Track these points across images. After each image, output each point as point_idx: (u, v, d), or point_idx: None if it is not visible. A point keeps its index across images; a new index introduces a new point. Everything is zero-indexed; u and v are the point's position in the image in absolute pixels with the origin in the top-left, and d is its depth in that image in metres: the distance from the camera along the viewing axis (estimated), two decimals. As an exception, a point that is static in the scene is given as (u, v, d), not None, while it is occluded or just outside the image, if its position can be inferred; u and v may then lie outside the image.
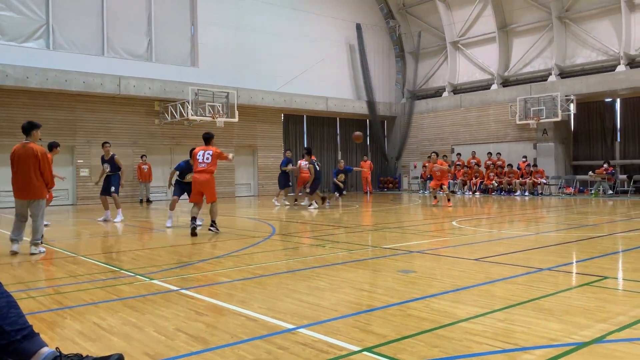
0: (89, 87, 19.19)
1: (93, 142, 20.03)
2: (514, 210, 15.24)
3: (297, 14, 25.30)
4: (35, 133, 7.81)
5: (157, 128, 21.50)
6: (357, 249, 7.99)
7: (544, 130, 23.33)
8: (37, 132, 7.85)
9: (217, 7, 22.75)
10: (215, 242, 9.22)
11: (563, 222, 12.15)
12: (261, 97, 23.55)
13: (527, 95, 23.32)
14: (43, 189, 7.73)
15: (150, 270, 6.34)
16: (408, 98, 29.05)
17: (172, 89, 20.88)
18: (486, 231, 10.15)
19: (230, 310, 4.45)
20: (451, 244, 8.36)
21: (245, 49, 23.53)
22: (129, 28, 20.77)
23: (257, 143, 24.57)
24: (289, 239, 9.38)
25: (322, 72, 25.92)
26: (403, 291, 5.08)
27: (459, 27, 26.85)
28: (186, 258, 7.28)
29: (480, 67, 26.40)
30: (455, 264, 6.52)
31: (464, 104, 26.29)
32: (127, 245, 8.64)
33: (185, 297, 4.99)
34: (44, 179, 7.70)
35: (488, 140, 25.15)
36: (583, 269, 6.28)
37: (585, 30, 22.72)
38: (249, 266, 6.55)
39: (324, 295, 4.95)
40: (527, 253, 7.40)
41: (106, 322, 4.16)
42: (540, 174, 21.93)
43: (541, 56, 24.33)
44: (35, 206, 7.73)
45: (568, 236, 9.33)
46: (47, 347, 2.79)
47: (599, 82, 21.63)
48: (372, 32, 28.40)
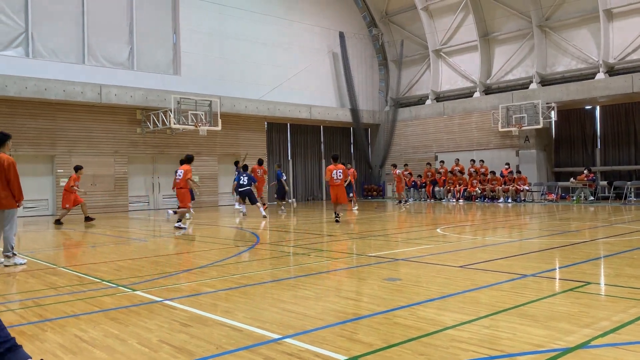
0: (70, 96, 18.95)
1: (74, 151, 19.78)
2: (497, 217, 15.35)
3: (280, 22, 25.34)
4: (8, 143, 7.73)
5: (139, 137, 21.29)
6: (342, 257, 7.96)
7: (526, 137, 23.60)
8: (9, 143, 7.76)
9: (199, 15, 22.68)
10: (199, 252, 9.13)
11: (546, 228, 12.26)
12: (244, 106, 23.49)
13: (509, 103, 23.59)
14: (10, 199, 7.59)
15: (133, 281, 6.24)
16: (391, 106, 29.22)
17: (154, 97, 20.72)
18: (470, 238, 10.19)
19: (215, 321, 4.39)
20: (436, 252, 8.37)
21: (228, 57, 23.48)
22: (110, 36, 20.59)
23: (241, 151, 24.45)
24: (274, 248, 9.32)
25: (305, 80, 25.97)
26: (389, 299, 5.06)
27: (441, 35, 27.11)
28: (169, 268, 7.19)
29: (463, 75, 26.67)
30: (440, 271, 6.53)
31: (447, 111, 26.50)
32: (108, 256, 8.50)
33: (168, 308, 4.91)
34: (10, 190, 7.56)
35: (471, 147, 25.36)
36: (566, 274, 6.32)
37: (565, 38, 23.09)
38: (233, 276, 6.49)
39: (310, 304, 4.91)
40: (511, 259, 7.44)
41: (88, 334, 4.07)
42: (522, 181, 22.15)
43: (522, 64, 24.65)
44: (1, 216, 7.62)
45: (551, 242, 9.41)
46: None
47: (578, 90, 21.97)
48: (355, 40, 28.55)
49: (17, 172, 7.69)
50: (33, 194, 18.73)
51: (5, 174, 7.49)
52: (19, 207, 7.80)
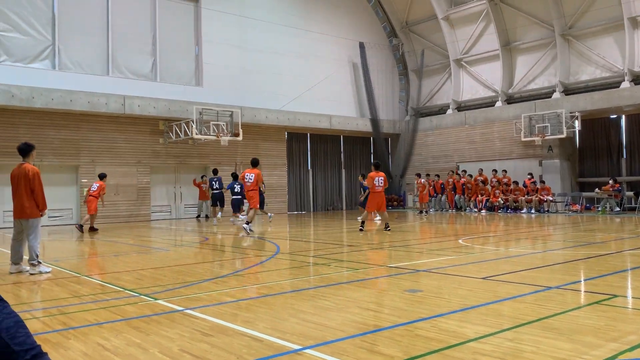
0: (94, 107, 19.31)
1: (97, 161, 20.11)
2: (521, 228, 15.13)
3: (300, 33, 25.52)
4: (32, 154, 7.94)
5: (161, 147, 21.57)
6: (363, 267, 7.92)
7: (549, 147, 23.28)
8: (33, 153, 7.98)
9: (220, 27, 22.98)
10: (220, 261, 9.18)
11: (570, 239, 12.04)
12: (265, 116, 23.65)
13: (532, 112, 23.33)
14: (34, 209, 7.78)
15: (155, 290, 6.29)
16: (412, 115, 29.12)
17: (176, 108, 21.00)
18: (493, 249, 10.06)
19: (236, 331, 4.40)
20: (457, 263, 8.28)
21: (248, 68, 23.71)
22: (133, 48, 20.98)
23: (261, 161, 24.50)
24: (294, 257, 9.32)
25: (325, 90, 26.06)
26: (410, 311, 5.01)
27: (462, 44, 27.00)
28: (190, 277, 7.24)
29: (484, 84, 26.48)
30: (462, 282, 6.45)
31: (468, 121, 26.32)
32: (130, 265, 8.59)
33: (189, 317, 4.93)
34: (34, 199, 7.76)
35: (493, 157, 25.10)
36: (592, 287, 6.19)
37: (589, 47, 22.80)
38: (254, 285, 6.50)
39: (330, 315, 4.89)
40: (535, 271, 7.32)
41: (110, 342, 4.11)
42: (546, 191, 21.81)
43: (545, 73, 24.39)
44: (26, 226, 7.80)
45: (576, 254, 9.24)
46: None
47: (603, 99, 21.64)
48: (375, 50, 28.58)
49: (41, 181, 7.86)
50: (57, 204, 19.09)
51: (30, 184, 7.66)
52: (42, 216, 7.96)
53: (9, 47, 18.36)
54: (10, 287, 6.83)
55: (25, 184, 7.65)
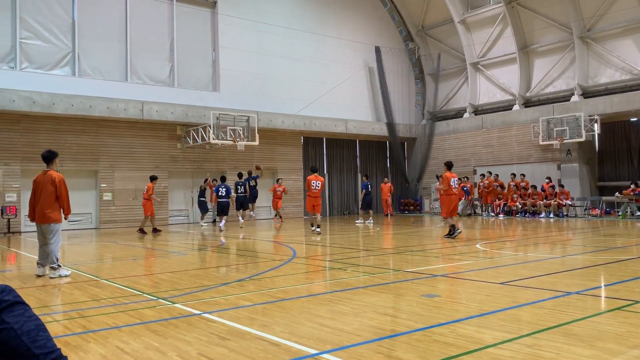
0: (113, 113, 19.56)
1: (116, 166, 20.36)
2: (539, 233, 14.95)
3: (316, 38, 25.60)
4: (56, 161, 8.17)
5: (179, 152, 21.77)
6: (379, 272, 7.90)
7: (567, 150, 23.01)
8: (56, 160, 8.21)
9: (237, 32, 23.15)
10: (237, 265, 9.21)
11: (590, 244, 11.87)
12: (281, 121, 23.74)
13: (550, 116, 23.09)
14: (57, 214, 7.98)
15: (172, 294, 6.34)
16: (428, 119, 28.99)
17: (194, 113, 21.18)
18: (511, 254, 9.96)
19: (253, 335, 4.41)
20: (475, 268, 8.21)
21: (265, 73, 23.84)
22: (151, 54, 21.23)
23: (277, 166, 24.69)
24: (310, 262, 9.32)
25: (341, 94, 26.08)
26: (427, 316, 4.98)
27: (478, 48, 26.84)
28: (207, 281, 7.28)
29: (502, 87, 26.28)
30: (480, 287, 6.40)
31: (485, 124, 26.13)
32: (149, 269, 8.67)
33: (207, 321, 4.96)
34: (60, 205, 7.99)
35: (511, 161, 24.88)
36: (613, 292, 6.10)
37: (608, 49, 22.51)
38: (271, 290, 6.52)
39: (347, 319, 4.88)
40: (554, 276, 7.23)
41: (129, 346, 4.15)
42: (565, 195, 21.54)
43: (563, 76, 24.13)
44: (47, 230, 7.98)
45: (596, 259, 9.11)
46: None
47: (623, 102, 21.33)
48: (391, 54, 28.55)
49: (66, 187, 8.07)
50: (77, 208, 19.26)
51: (57, 190, 7.88)
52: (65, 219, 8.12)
53: (31, 54, 18.70)
54: (33, 290, 6.94)
55: (51, 190, 7.84)
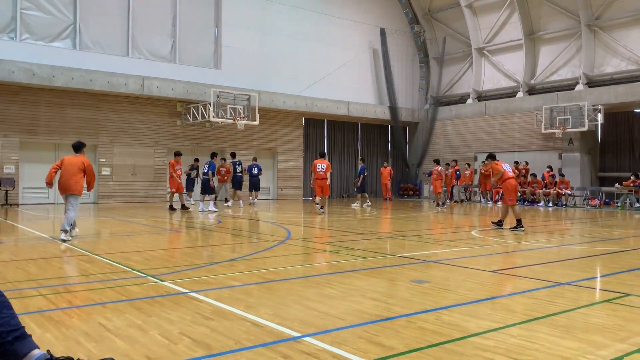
0: (113, 87, 19.43)
1: (115, 141, 20.28)
2: (537, 221, 14.90)
3: (321, 18, 25.28)
4: (84, 149, 9.70)
5: (179, 129, 21.66)
6: (372, 256, 7.86)
7: (569, 140, 22.86)
8: (84, 149, 9.73)
9: (241, 9, 22.86)
10: (231, 245, 9.19)
11: (587, 234, 11.83)
12: (283, 101, 23.56)
13: (553, 104, 22.89)
14: (81, 187, 9.39)
15: (162, 272, 6.31)
16: (431, 104, 28.79)
17: (194, 90, 21.02)
18: (506, 242, 9.92)
19: (237, 315, 4.38)
20: (469, 255, 8.17)
21: (268, 52, 23.59)
22: (153, 29, 21.00)
23: (278, 146, 24.59)
24: (304, 244, 9.29)
25: (344, 76, 25.84)
26: (415, 302, 4.95)
27: (484, 33, 26.52)
28: (199, 260, 7.25)
29: (506, 74, 26.02)
30: (471, 275, 6.35)
31: (488, 111, 25.94)
32: (142, 245, 8.65)
33: (193, 300, 4.94)
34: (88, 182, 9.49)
35: (513, 148, 24.74)
36: (605, 284, 6.06)
37: (615, 38, 22.22)
38: (261, 270, 6.48)
39: (334, 303, 4.85)
40: (548, 266, 7.18)
41: (112, 323, 4.12)
42: (565, 185, 21.45)
43: (569, 64, 23.86)
44: (72, 200, 9.27)
45: (591, 250, 9.06)
46: (38, 350, 2.77)
47: (628, 92, 21.12)
48: (396, 37, 28.23)
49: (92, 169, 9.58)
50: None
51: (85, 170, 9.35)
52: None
53: (31, 25, 18.50)
54: (23, 263, 6.92)
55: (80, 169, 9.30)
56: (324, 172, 15.89)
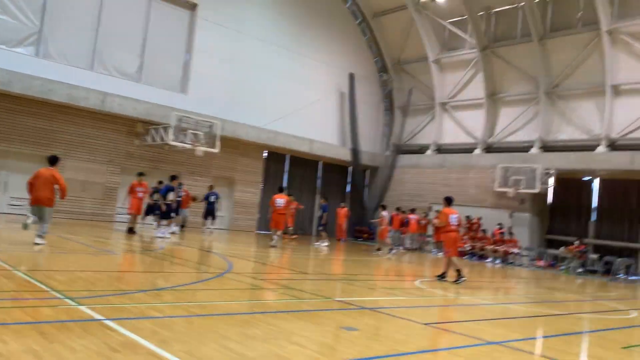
0: (73, 100, 18.95)
1: (69, 154, 19.64)
2: (482, 277, 15.05)
3: (293, 56, 25.56)
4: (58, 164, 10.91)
5: (135, 149, 21.20)
6: (309, 298, 7.70)
7: (521, 200, 23.43)
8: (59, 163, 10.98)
9: (214, 38, 22.90)
10: (165, 273, 8.88)
11: (527, 294, 11.97)
12: (246, 132, 23.46)
13: (509, 164, 23.50)
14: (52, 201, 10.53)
15: (83, 295, 6.00)
16: (392, 151, 29.21)
17: (157, 112, 20.70)
18: (446, 295, 9.91)
19: (147, 350, 4.14)
20: (406, 305, 8.11)
21: (236, 82, 23.58)
22: (122, 46, 20.75)
23: (236, 176, 24.34)
24: (243, 279, 9.05)
25: (310, 114, 26.01)
26: (337, 350, 4.81)
27: (449, 89, 27.32)
28: (126, 286, 6.94)
29: (466, 130, 26.73)
30: (402, 326, 6.26)
31: (446, 164, 26.46)
32: (71, 265, 8.25)
33: (106, 328, 4.66)
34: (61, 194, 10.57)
35: (466, 203, 25.11)
36: (532, 347, 6.05)
37: (571, 108, 23.21)
38: (188, 303, 6.24)
39: (254, 344, 4.66)
40: (481, 323, 7.17)
41: (7, 346, 3.83)
42: (513, 244, 21.88)
43: (526, 127, 24.70)
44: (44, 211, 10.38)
45: (528, 311, 9.14)
46: None
47: (579, 160, 21.92)
48: (365, 82, 28.78)
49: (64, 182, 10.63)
50: (20, 192, 18.49)
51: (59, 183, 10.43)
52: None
53: (-6, 28, 18.02)
54: None
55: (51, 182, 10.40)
56: (282, 207, 16.38)
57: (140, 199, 16.21)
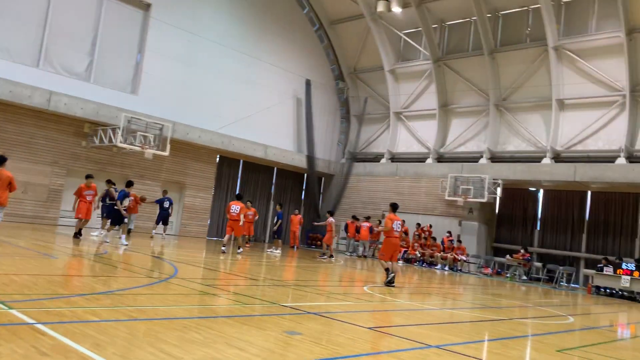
0: (16, 98, 18.22)
1: (11, 155, 18.74)
2: (431, 284, 15.30)
3: (248, 60, 25.43)
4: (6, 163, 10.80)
5: (82, 150, 20.54)
6: (254, 303, 7.63)
7: (470, 209, 24.03)
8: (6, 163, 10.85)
9: (167, 39, 22.52)
10: (107, 277, 8.61)
11: (471, 301, 12.24)
12: (198, 135, 23.14)
13: (458, 174, 24.09)
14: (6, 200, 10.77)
15: (15, 299, 5.73)
16: (348, 159, 29.43)
17: (105, 112, 20.14)
18: (393, 300, 10.02)
19: (79, 354, 3.99)
20: (352, 309, 8.14)
21: (190, 85, 23.25)
22: (71, 44, 20.12)
23: (187, 181, 23.93)
24: (187, 284, 8.87)
25: (265, 120, 25.92)
26: (278, 354, 4.77)
27: (403, 99, 27.80)
28: (64, 290, 6.69)
29: (419, 140, 27.24)
30: (346, 330, 6.28)
31: (399, 172, 26.86)
32: (5, 268, 7.89)
33: (36, 332, 4.46)
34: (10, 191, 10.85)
35: (417, 211, 25.61)
36: (470, 350, 6.16)
37: (518, 120, 24.03)
38: (127, 307, 6.05)
39: (192, 349, 4.56)
40: (423, 327, 7.27)
41: None
42: (462, 251, 22.39)
43: (475, 138, 25.40)
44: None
45: (472, 316, 9.34)
46: None
47: (524, 171, 22.68)
48: (321, 90, 28.93)
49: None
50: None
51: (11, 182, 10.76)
52: None
53: None
54: None
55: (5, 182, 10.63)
56: (237, 214, 16.55)
57: (88, 203, 15.51)
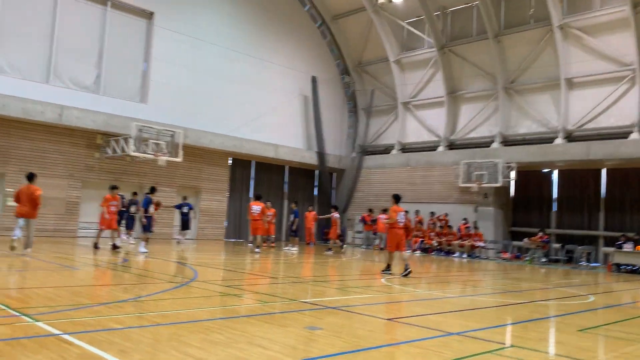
0: (29, 114, 18.51)
1: (26, 171, 19.12)
2: (449, 272, 15.30)
3: (254, 61, 25.52)
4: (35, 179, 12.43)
5: (96, 162, 20.80)
6: (274, 301, 7.71)
7: (485, 194, 23.92)
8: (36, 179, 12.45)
9: (172, 46, 22.70)
10: (128, 284, 8.75)
11: (491, 286, 12.23)
12: (210, 139, 23.31)
13: (471, 160, 23.97)
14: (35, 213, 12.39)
15: (41, 311, 5.87)
16: (358, 153, 29.44)
17: (116, 123, 20.38)
18: (412, 291, 10.05)
19: (105, 361, 4.10)
20: (371, 302, 8.19)
21: (198, 90, 23.42)
22: (78, 58, 20.37)
23: (202, 185, 24.13)
24: (208, 286, 8.99)
25: (274, 119, 26.03)
26: (300, 349, 4.85)
27: (410, 88, 27.71)
28: (87, 300, 6.83)
29: (429, 128, 27.14)
30: (366, 322, 6.34)
31: (411, 162, 26.81)
32: (29, 282, 8.07)
33: (63, 342, 4.59)
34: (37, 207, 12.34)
35: (431, 200, 25.54)
36: (491, 335, 6.19)
37: (528, 102, 23.83)
38: (150, 313, 6.17)
39: (216, 350, 4.66)
40: (443, 316, 7.31)
41: (-43, 367, 3.74)
42: (479, 237, 22.31)
43: (486, 123, 25.24)
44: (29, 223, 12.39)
45: (491, 301, 9.34)
46: None
47: (537, 153, 22.51)
48: (327, 85, 28.94)
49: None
50: (-24, 211, 17.98)
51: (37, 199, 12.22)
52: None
53: (-59, 43, 17.47)
54: None
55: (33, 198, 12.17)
56: (257, 214, 17.15)
57: (113, 213, 15.73)
